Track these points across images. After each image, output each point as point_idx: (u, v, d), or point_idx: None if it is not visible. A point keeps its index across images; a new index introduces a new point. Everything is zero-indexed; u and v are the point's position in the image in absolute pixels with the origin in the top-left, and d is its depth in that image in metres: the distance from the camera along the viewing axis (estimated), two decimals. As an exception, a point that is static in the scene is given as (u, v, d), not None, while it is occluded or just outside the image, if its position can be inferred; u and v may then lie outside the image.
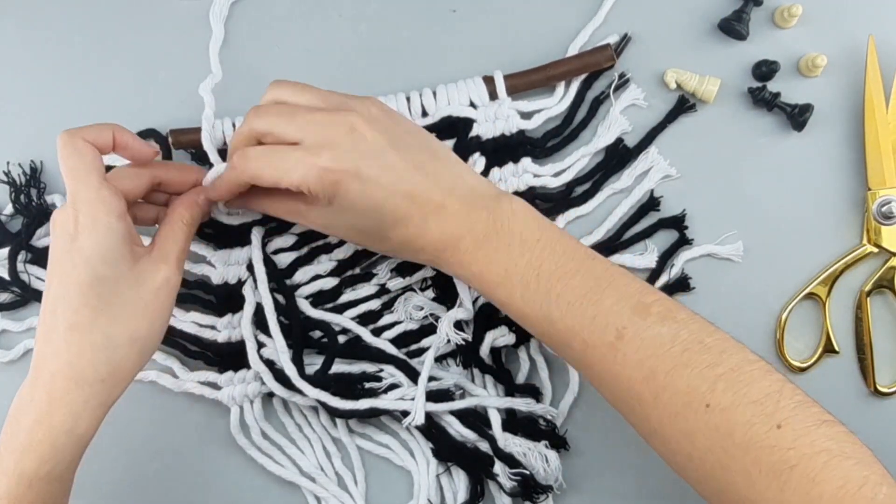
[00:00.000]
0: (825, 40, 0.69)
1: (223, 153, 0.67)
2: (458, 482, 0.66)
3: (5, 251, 0.67)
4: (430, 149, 0.60)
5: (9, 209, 0.68)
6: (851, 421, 0.67)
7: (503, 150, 0.68)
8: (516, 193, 0.67)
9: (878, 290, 0.67)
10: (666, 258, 0.68)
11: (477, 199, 0.59)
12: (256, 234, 0.66)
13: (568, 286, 0.55)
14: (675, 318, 0.54)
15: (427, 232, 0.58)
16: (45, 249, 0.66)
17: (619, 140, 0.69)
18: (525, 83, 0.69)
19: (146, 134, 0.69)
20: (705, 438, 0.51)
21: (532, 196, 0.68)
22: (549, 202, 0.68)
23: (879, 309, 0.68)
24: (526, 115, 0.69)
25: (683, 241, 0.68)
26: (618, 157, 0.69)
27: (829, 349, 0.67)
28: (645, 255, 0.68)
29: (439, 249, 0.59)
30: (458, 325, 0.66)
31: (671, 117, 0.69)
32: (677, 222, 0.68)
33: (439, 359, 0.67)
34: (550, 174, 0.69)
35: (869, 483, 0.48)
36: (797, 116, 0.68)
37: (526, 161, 0.68)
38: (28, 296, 0.67)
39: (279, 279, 0.66)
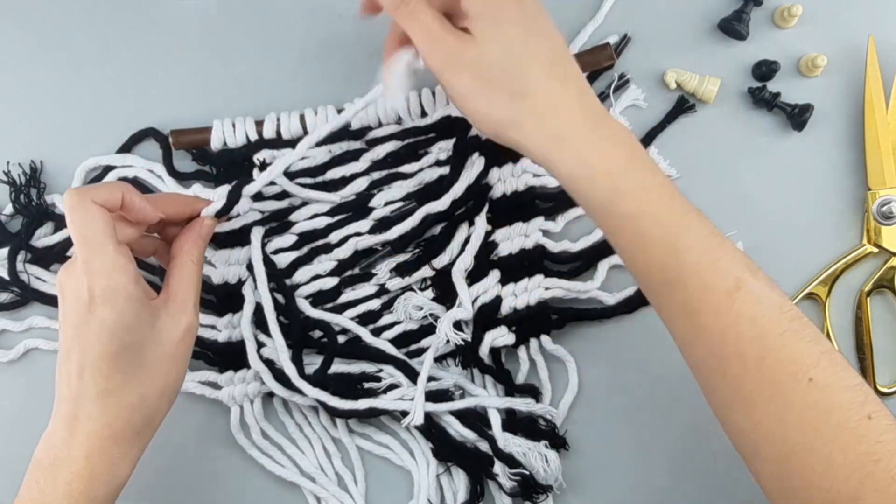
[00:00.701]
0: (825, 40, 0.69)
1: (225, 154, 0.67)
2: (458, 482, 0.66)
3: (5, 251, 0.67)
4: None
5: (9, 209, 0.68)
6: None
7: (502, 149, 0.68)
8: (515, 193, 0.68)
9: (878, 290, 0.67)
10: (666, 257, 0.68)
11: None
12: (256, 234, 0.66)
13: (699, 220, 0.53)
14: (779, 289, 0.52)
15: (570, 96, 0.54)
16: (45, 249, 0.68)
17: (620, 140, 0.69)
18: (526, 83, 0.69)
19: (146, 133, 0.69)
20: (800, 413, 0.49)
21: (532, 196, 0.68)
22: (550, 202, 0.68)
23: (879, 309, 0.68)
24: (526, 115, 0.69)
25: (684, 241, 0.68)
26: (618, 156, 0.69)
27: (829, 349, 0.67)
28: (645, 255, 0.68)
29: (578, 121, 0.54)
30: (458, 326, 0.66)
31: (671, 117, 0.69)
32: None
33: (439, 359, 0.67)
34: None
35: None
36: (797, 116, 0.68)
37: (526, 160, 0.68)
38: (28, 295, 0.67)
39: (279, 279, 0.66)
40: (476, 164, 0.67)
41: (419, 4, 0.55)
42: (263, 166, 0.67)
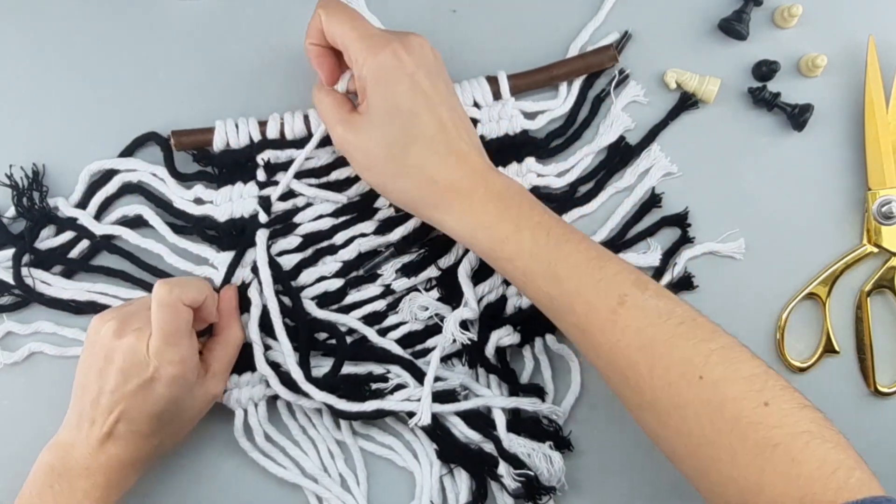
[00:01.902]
0: (825, 40, 0.70)
1: (227, 154, 0.67)
2: (461, 483, 0.66)
3: (7, 252, 0.67)
4: (461, 105, 0.64)
5: (11, 212, 0.68)
6: (851, 421, 0.67)
7: (507, 150, 0.68)
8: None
9: (879, 290, 0.68)
10: (668, 257, 0.68)
11: (488, 163, 0.62)
12: (261, 237, 0.66)
13: (576, 249, 0.57)
14: (668, 297, 0.56)
15: (446, 166, 0.60)
16: (48, 252, 0.68)
17: (622, 138, 0.69)
18: (528, 83, 0.69)
19: (147, 138, 0.69)
20: (696, 411, 0.52)
21: (536, 196, 0.68)
22: (554, 202, 0.68)
23: (879, 309, 0.68)
24: (529, 115, 0.69)
25: (685, 240, 0.68)
26: (620, 154, 0.69)
27: (829, 349, 0.67)
28: (648, 254, 0.68)
29: (453, 189, 0.60)
30: (464, 325, 0.66)
31: (673, 114, 0.69)
32: (680, 220, 0.69)
33: (445, 359, 0.67)
34: (554, 174, 0.69)
35: (844, 467, 0.49)
36: (797, 116, 0.68)
37: (530, 161, 0.68)
38: (32, 299, 0.67)
39: (284, 281, 0.66)
40: (478, 164, 0.67)
41: (320, 95, 0.63)
42: (268, 167, 0.67)
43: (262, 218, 0.66)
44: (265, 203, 0.66)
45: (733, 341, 0.54)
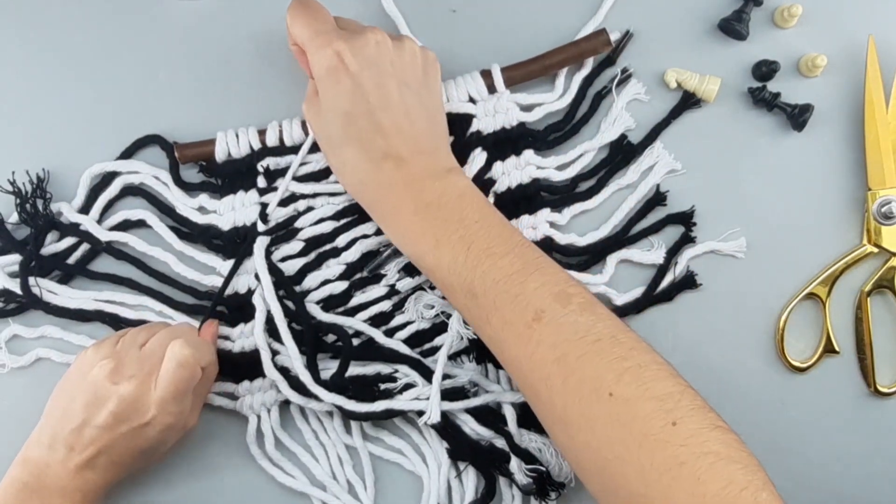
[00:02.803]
0: (825, 40, 0.70)
1: (229, 164, 0.68)
2: (467, 484, 0.66)
3: (9, 258, 0.68)
4: (430, 107, 0.63)
5: (14, 217, 0.68)
6: (851, 421, 0.68)
7: (504, 144, 0.68)
8: (520, 186, 0.68)
9: (879, 290, 0.68)
10: (671, 255, 0.69)
11: (436, 166, 0.62)
12: (259, 244, 0.66)
13: (495, 265, 0.57)
14: (593, 311, 0.56)
15: (380, 171, 0.60)
16: (51, 258, 0.68)
17: (623, 136, 0.69)
18: (522, 74, 0.69)
19: (150, 140, 0.69)
20: (605, 427, 0.52)
21: (537, 188, 0.68)
22: (555, 195, 0.69)
23: (879, 309, 0.68)
24: (526, 108, 0.69)
25: (687, 239, 0.68)
26: (622, 152, 0.69)
27: (829, 349, 0.67)
28: (652, 252, 0.68)
29: (380, 198, 0.61)
30: None
31: (676, 113, 0.70)
32: (685, 218, 0.69)
33: (453, 356, 0.67)
34: (554, 167, 0.69)
35: (750, 487, 0.49)
36: (797, 116, 0.68)
37: (528, 153, 0.69)
38: (39, 308, 0.68)
39: (288, 286, 0.67)
40: (478, 159, 0.67)
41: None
42: (268, 173, 0.67)
43: (260, 226, 0.67)
44: (264, 210, 0.66)
45: (653, 360, 0.54)
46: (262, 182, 0.67)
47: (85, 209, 0.68)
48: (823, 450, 0.67)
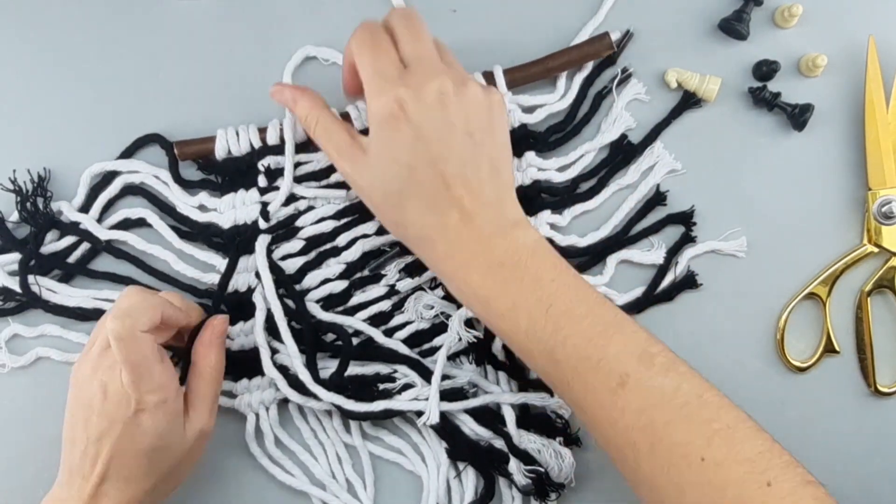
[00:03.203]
0: (825, 40, 0.70)
1: (229, 162, 0.68)
2: (467, 484, 0.66)
3: (9, 257, 0.68)
4: (494, 155, 0.60)
5: (15, 216, 0.68)
6: (851, 421, 0.68)
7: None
8: (521, 187, 0.68)
9: (879, 290, 0.68)
10: (671, 255, 0.69)
11: (503, 219, 0.59)
12: (261, 243, 0.66)
13: (576, 329, 0.55)
14: (677, 370, 0.54)
15: (446, 227, 0.58)
16: (52, 257, 0.68)
17: (624, 136, 0.69)
18: (525, 76, 0.69)
19: (150, 139, 0.69)
20: (697, 492, 0.51)
21: (538, 190, 0.68)
22: (555, 196, 0.69)
23: (880, 309, 0.68)
24: (527, 110, 0.69)
25: (687, 238, 0.68)
26: (623, 152, 0.69)
27: (829, 349, 0.67)
28: (652, 252, 0.68)
29: (449, 255, 0.59)
30: (469, 324, 0.66)
31: (676, 113, 0.69)
32: (686, 218, 0.69)
33: (452, 357, 0.67)
34: (555, 168, 0.69)
35: None
36: (797, 116, 0.68)
37: (530, 155, 0.68)
38: (38, 306, 0.67)
39: (288, 285, 0.67)
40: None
41: (323, 119, 0.62)
42: (268, 172, 0.67)
43: (262, 224, 0.67)
44: (265, 209, 0.67)
45: (738, 417, 0.53)
46: (262, 181, 0.67)
47: (85, 208, 0.68)
48: (823, 450, 0.67)
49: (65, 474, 0.59)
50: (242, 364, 0.67)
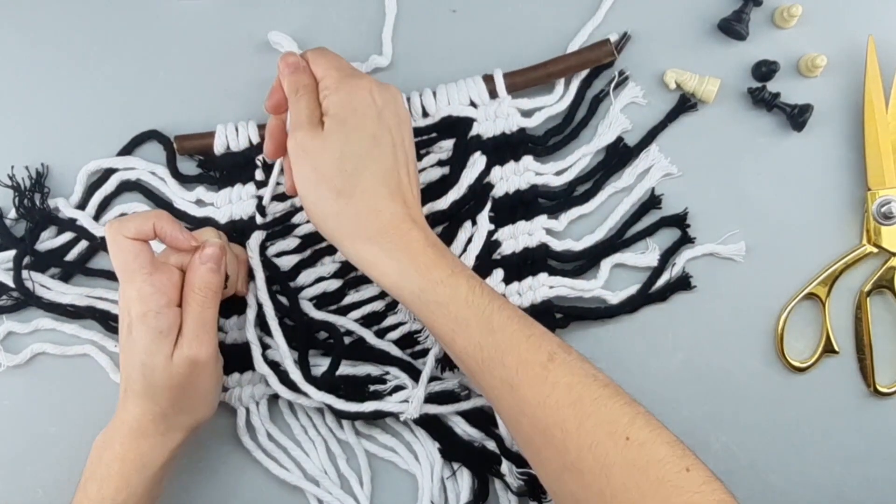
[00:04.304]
0: (825, 40, 0.70)
1: (227, 157, 0.68)
2: (462, 483, 0.66)
3: (7, 254, 0.67)
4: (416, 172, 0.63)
5: (12, 213, 0.68)
6: (851, 421, 0.67)
7: (504, 149, 0.68)
8: (518, 192, 0.68)
9: (878, 290, 0.67)
10: (667, 257, 0.68)
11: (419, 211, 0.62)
12: (255, 238, 0.66)
13: (507, 304, 0.58)
14: (589, 362, 0.56)
15: (393, 202, 0.59)
16: (48, 254, 0.68)
17: (620, 139, 0.69)
18: (525, 81, 0.69)
19: (148, 135, 0.69)
20: (622, 472, 0.51)
21: (535, 194, 0.68)
22: (552, 200, 0.69)
23: (879, 309, 0.68)
24: (526, 114, 0.69)
25: (685, 240, 0.68)
26: (618, 155, 0.69)
27: (829, 349, 0.67)
28: (647, 254, 0.68)
29: (394, 224, 0.59)
30: None
31: (672, 116, 0.69)
32: (679, 220, 0.68)
33: (445, 359, 0.67)
34: (552, 172, 0.69)
35: None
36: (797, 116, 0.68)
37: (527, 159, 0.68)
38: (31, 303, 0.67)
39: (283, 282, 0.66)
40: (477, 163, 0.67)
41: (304, 92, 0.61)
42: (265, 167, 0.67)
43: (258, 219, 0.66)
44: (261, 204, 0.66)
45: (647, 410, 0.54)
46: (259, 175, 0.67)
47: (82, 205, 0.68)
48: (823, 450, 0.66)
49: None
50: (234, 358, 0.66)
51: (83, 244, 0.68)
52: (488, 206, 0.67)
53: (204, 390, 0.61)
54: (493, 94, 0.68)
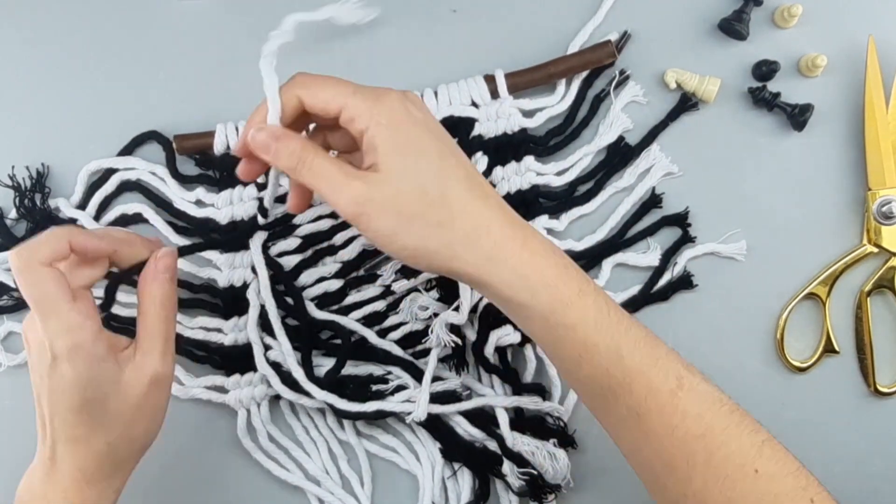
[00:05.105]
0: (825, 40, 0.70)
1: (227, 158, 0.68)
2: (463, 483, 0.66)
3: (8, 254, 0.67)
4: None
5: (13, 213, 0.68)
6: (851, 421, 0.67)
7: (505, 149, 0.68)
8: (519, 192, 0.68)
9: (878, 290, 0.68)
10: (669, 256, 0.68)
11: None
12: (256, 239, 0.66)
13: (633, 322, 0.53)
14: (713, 382, 0.52)
15: (492, 210, 0.52)
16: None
17: (621, 138, 0.69)
18: (526, 81, 0.69)
19: (148, 136, 0.69)
20: None
21: (536, 194, 0.68)
22: (553, 200, 0.69)
23: (879, 309, 0.68)
24: (528, 114, 0.69)
25: (686, 239, 0.68)
26: (619, 155, 0.69)
27: (829, 349, 0.67)
28: (648, 254, 0.68)
29: (509, 236, 0.52)
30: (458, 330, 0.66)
31: (673, 115, 0.70)
32: (680, 220, 0.69)
33: (446, 359, 0.67)
34: (553, 172, 0.69)
35: None
36: (797, 116, 0.68)
37: (528, 159, 0.68)
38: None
39: (288, 281, 0.66)
40: (479, 163, 0.67)
41: (316, 159, 0.52)
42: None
43: (260, 221, 0.66)
44: (262, 205, 0.66)
45: (771, 436, 0.51)
46: (260, 177, 0.67)
47: (82, 205, 0.68)
48: (823, 450, 0.66)
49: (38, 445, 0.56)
50: (235, 359, 0.67)
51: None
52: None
53: (160, 407, 0.57)
54: (494, 94, 0.68)
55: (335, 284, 0.67)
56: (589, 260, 0.68)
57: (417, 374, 0.65)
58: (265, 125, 0.54)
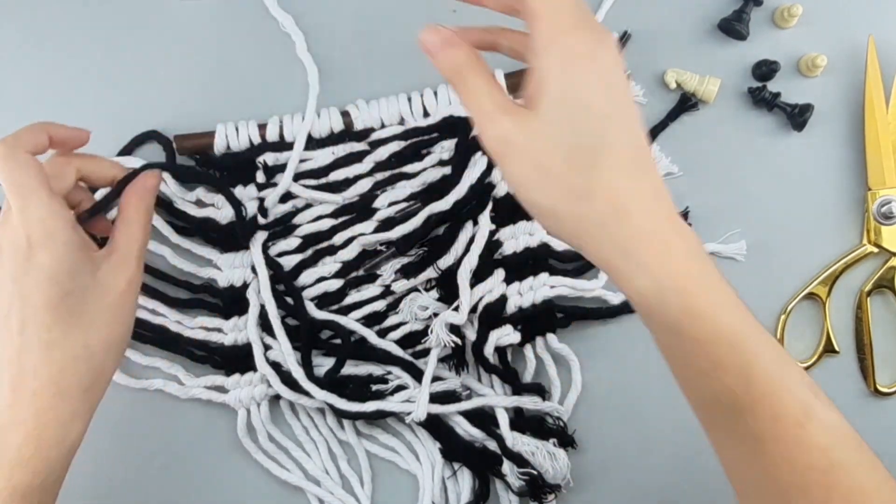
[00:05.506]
0: (825, 40, 0.70)
1: (228, 157, 0.68)
2: (463, 483, 0.66)
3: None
4: None
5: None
6: (851, 421, 0.67)
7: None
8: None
9: (878, 290, 0.68)
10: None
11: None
12: (257, 239, 0.66)
13: (766, 340, 0.47)
14: (838, 410, 0.47)
15: (643, 195, 0.46)
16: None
17: (621, 138, 0.69)
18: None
19: (148, 136, 0.69)
20: None
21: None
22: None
23: (879, 309, 0.68)
24: (528, 114, 0.69)
25: (686, 239, 0.68)
26: (619, 155, 0.69)
27: (829, 349, 0.67)
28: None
29: (649, 229, 0.46)
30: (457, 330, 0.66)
31: (673, 115, 0.69)
32: (681, 219, 0.68)
33: (446, 359, 0.67)
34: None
35: None
36: (797, 116, 0.68)
37: (528, 159, 0.68)
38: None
39: (288, 281, 0.66)
40: (479, 163, 0.67)
41: (475, 79, 0.49)
42: (266, 169, 0.67)
43: (260, 220, 0.66)
44: (262, 205, 0.66)
45: (888, 473, 0.47)
46: (260, 177, 0.67)
47: (82, 205, 0.68)
48: (823, 450, 0.66)
49: None
50: (234, 359, 0.67)
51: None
52: (490, 205, 0.66)
53: (132, 314, 0.57)
54: (494, 94, 0.68)
55: (335, 284, 0.67)
56: (588, 261, 0.68)
57: (417, 374, 0.65)
58: (440, 27, 0.51)
